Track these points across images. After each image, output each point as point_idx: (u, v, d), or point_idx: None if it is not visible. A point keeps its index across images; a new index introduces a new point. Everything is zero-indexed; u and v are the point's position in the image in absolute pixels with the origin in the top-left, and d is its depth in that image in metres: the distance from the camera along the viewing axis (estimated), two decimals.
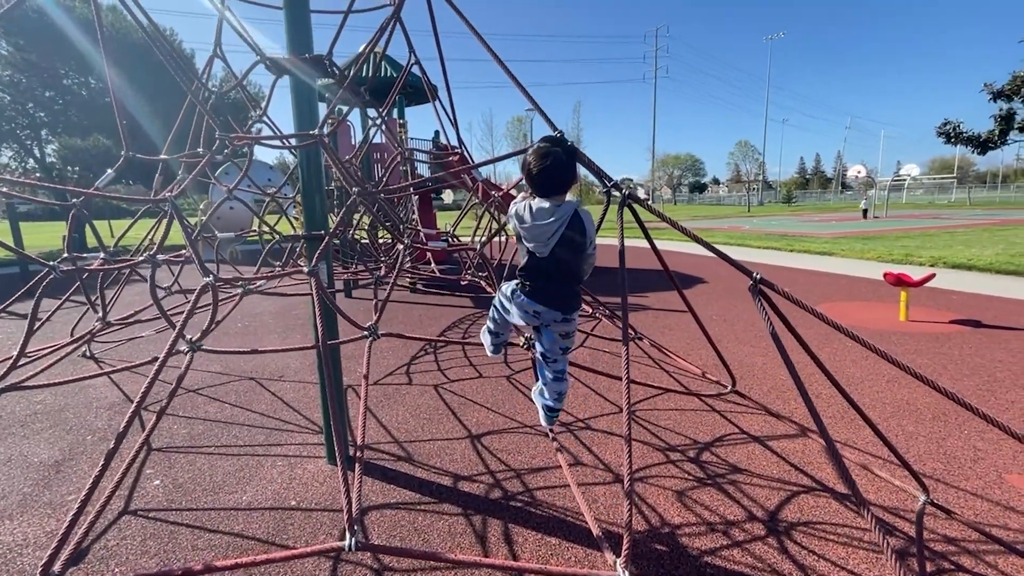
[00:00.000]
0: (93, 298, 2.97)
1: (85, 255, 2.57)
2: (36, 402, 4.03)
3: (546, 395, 2.14)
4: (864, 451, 2.95)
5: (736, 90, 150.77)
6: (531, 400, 3.84)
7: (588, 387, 4.03)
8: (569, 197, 1.81)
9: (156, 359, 1.83)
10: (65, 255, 2.43)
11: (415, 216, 6.87)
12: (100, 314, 2.67)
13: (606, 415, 3.56)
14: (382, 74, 9.82)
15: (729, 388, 2.90)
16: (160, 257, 2.08)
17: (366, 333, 2.18)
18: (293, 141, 2.35)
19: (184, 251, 3.43)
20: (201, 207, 13.68)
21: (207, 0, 2.57)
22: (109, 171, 2.51)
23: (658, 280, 8.70)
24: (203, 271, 1.74)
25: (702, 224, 26.67)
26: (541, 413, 2.20)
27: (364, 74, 7.76)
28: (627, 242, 2.09)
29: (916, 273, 7.36)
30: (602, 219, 2.03)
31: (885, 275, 6.05)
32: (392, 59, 10.56)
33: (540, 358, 2.09)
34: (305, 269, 1.85)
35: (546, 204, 1.77)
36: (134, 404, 1.62)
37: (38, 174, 21.79)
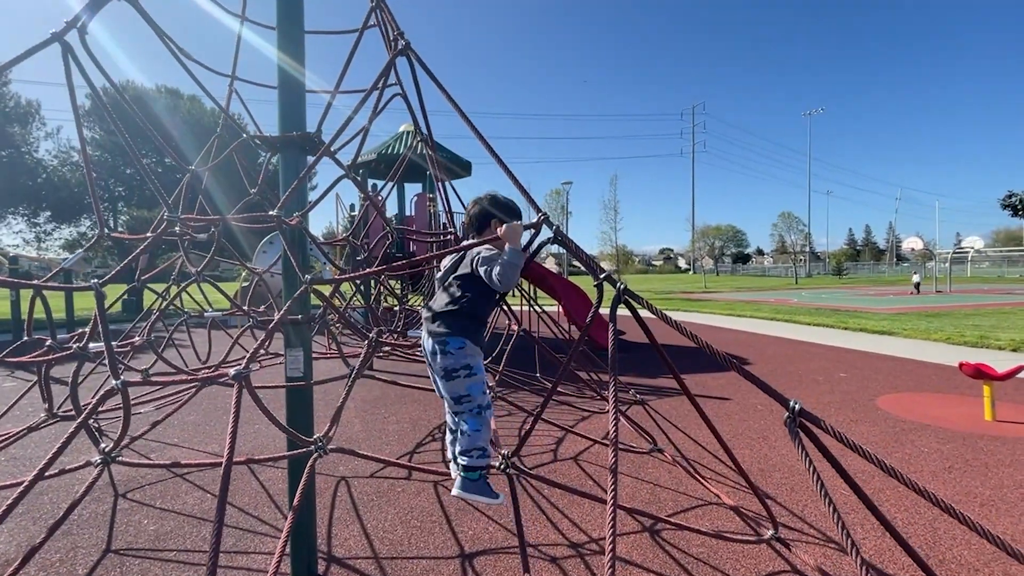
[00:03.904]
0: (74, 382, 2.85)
1: (44, 338, 2.43)
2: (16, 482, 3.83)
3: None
4: None
5: (776, 163, 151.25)
6: (539, 509, 3.33)
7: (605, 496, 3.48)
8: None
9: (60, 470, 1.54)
10: (25, 338, 2.33)
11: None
12: (47, 404, 2.50)
13: (629, 534, 2.99)
14: (398, 149, 10.14)
15: (769, 534, 2.34)
16: (92, 347, 1.88)
17: (311, 448, 1.84)
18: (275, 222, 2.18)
19: (136, 339, 3.29)
20: (243, 275, 14.24)
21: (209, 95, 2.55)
22: (79, 251, 2.44)
23: (695, 359, 8.02)
24: (113, 373, 1.51)
25: (747, 296, 25.60)
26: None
27: (389, 151, 8.03)
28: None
29: (997, 360, 6.46)
30: (594, 313, 1.69)
31: (961, 366, 5.27)
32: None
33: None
34: (230, 372, 1.58)
35: None
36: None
37: (109, 242, 23.71)
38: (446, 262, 2.07)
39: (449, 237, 4.64)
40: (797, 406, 1.20)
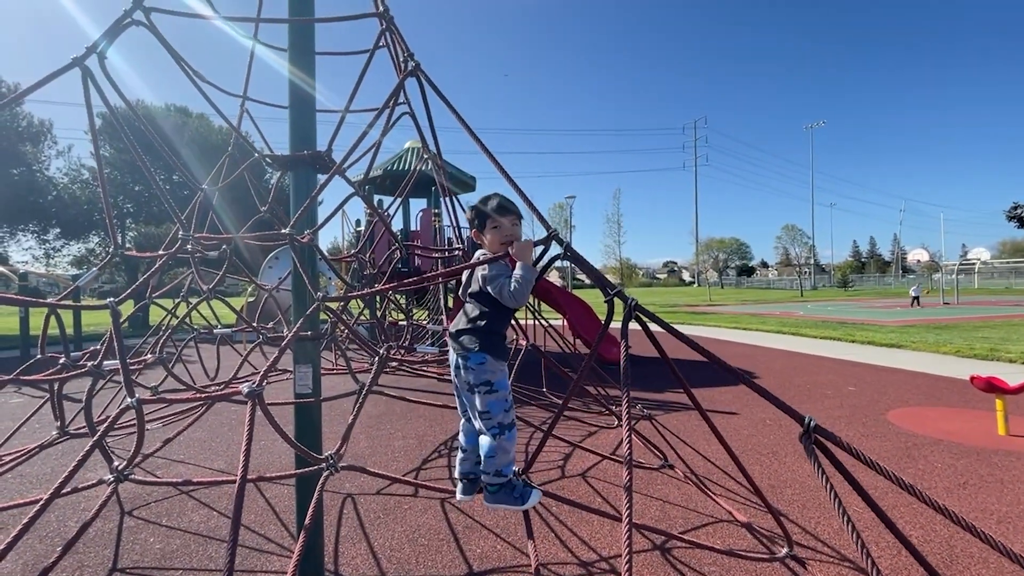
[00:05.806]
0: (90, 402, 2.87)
1: (58, 356, 2.45)
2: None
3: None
4: None
5: (779, 176, 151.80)
6: (548, 526, 3.29)
7: (616, 513, 3.43)
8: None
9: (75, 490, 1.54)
10: (39, 355, 2.35)
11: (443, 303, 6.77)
12: (59, 422, 2.51)
13: (640, 552, 2.95)
14: (406, 166, 10.27)
15: (784, 552, 2.31)
16: (106, 364, 1.90)
17: (323, 466, 1.83)
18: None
19: (147, 356, 3.31)
20: (249, 290, 14.31)
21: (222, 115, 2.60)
22: (94, 269, 2.47)
23: (702, 373, 7.95)
24: (128, 391, 1.52)
25: (752, 309, 25.49)
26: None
27: (395, 167, 8.13)
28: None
29: (1009, 373, 6.39)
30: (604, 330, 1.71)
31: (972, 379, 5.21)
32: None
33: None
34: (243, 390, 1.59)
35: None
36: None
37: (117, 258, 23.94)
38: (463, 279, 2.15)
39: (456, 253, 4.65)
40: (812, 423, 1.19)
